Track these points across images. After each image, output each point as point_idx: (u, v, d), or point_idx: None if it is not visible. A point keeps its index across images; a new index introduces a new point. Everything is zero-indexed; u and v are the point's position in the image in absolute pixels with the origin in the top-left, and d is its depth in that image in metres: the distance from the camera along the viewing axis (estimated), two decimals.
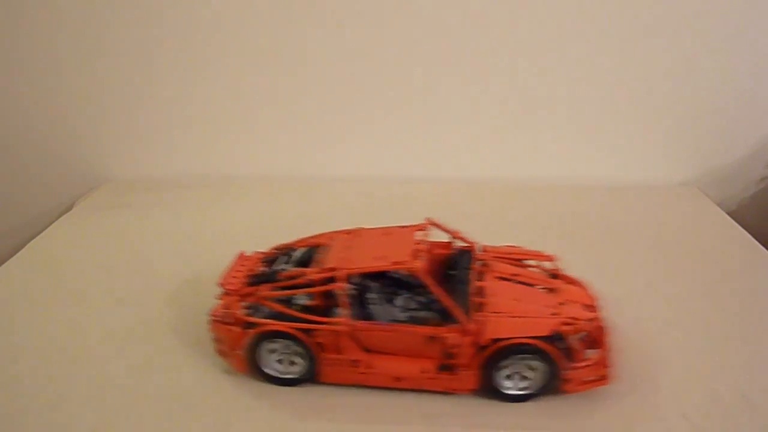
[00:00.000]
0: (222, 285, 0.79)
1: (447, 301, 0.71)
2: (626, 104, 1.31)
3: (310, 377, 0.75)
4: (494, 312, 0.72)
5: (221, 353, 0.78)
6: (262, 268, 0.83)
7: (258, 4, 1.24)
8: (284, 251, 0.87)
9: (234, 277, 0.81)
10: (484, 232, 1.16)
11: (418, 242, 0.77)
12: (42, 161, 1.41)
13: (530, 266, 0.85)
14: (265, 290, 0.77)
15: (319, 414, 0.72)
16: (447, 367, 0.72)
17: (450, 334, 0.70)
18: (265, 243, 1.12)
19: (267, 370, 0.76)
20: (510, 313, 0.72)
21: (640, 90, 1.30)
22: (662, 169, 1.38)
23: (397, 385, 0.73)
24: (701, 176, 1.38)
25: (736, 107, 1.30)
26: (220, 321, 0.76)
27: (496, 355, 0.70)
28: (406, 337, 0.72)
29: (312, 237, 0.90)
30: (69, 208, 1.35)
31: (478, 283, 0.76)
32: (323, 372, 0.74)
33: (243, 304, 0.77)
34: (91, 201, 1.35)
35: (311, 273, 0.75)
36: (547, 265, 0.84)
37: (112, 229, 1.20)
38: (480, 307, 0.72)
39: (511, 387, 0.72)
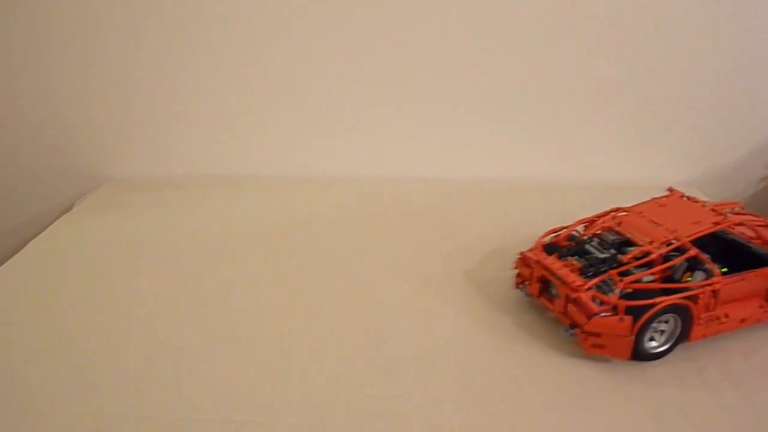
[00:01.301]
0: (574, 287, 0.79)
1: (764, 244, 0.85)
2: (626, 104, 1.31)
3: (677, 343, 0.79)
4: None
5: (597, 348, 0.77)
6: (586, 261, 0.83)
7: (258, 4, 1.24)
8: (576, 242, 0.89)
9: (570, 277, 0.80)
10: (484, 232, 1.16)
11: (699, 205, 0.90)
12: (42, 161, 1.41)
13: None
14: (614, 275, 0.78)
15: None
16: None
17: None
18: (265, 243, 1.13)
19: (651, 350, 0.78)
20: None
21: (640, 90, 1.30)
22: (662, 169, 1.38)
23: (741, 326, 0.82)
24: (701, 176, 1.38)
25: (736, 107, 1.30)
26: (600, 315, 0.75)
27: None
28: (754, 281, 0.83)
29: (585, 223, 0.95)
30: (69, 208, 1.35)
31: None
32: (693, 333, 0.79)
33: (615, 292, 0.77)
34: (91, 201, 1.34)
35: (655, 249, 0.80)
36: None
37: (112, 229, 1.20)
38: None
39: None
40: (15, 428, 0.71)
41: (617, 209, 0.95)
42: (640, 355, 0.77)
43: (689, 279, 0.79)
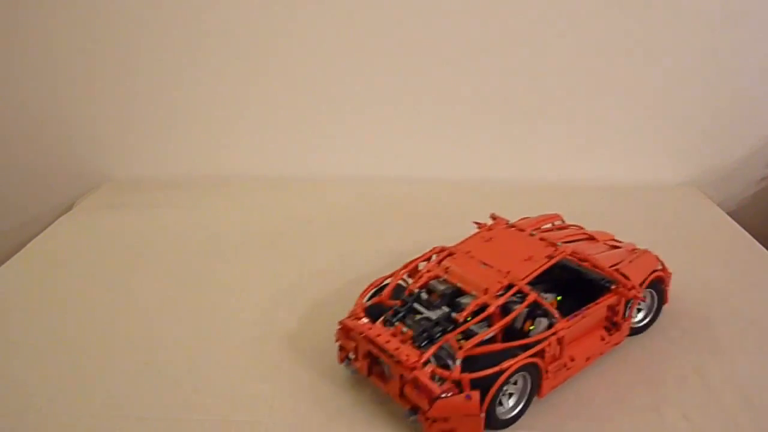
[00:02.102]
0: (408, 365, 0.65)
1: (605, 269, 0.78)
2: (626, 104, 1.31)
3: (528, 402, 0.70)
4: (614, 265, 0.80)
5: (437, 429, 0.65)
6: (417, 326, 0.71)
7: (258, 4, 1.24)
8: (403, 300, 0.76)
9: (403, 352, 0.67)
10: None
11: (526, 235, 0.83)
12: (42, 161, 1.41)
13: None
14: (451, 340, 0.67)
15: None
16: (613, 324, 0.78)
17: (623, 294, 0.77)
18: (265, 243, 1.13)
19: (504, 416, 0.68)
20: (622, 263, 0.82)
21: (641, 90, 1.30)
22: (662, 169, 1.38)
23: (587, 365, 0.76)
24: (701, 176, 1.38)
25: (736, 107, 1.30)
26: (443, 397, 0.63)
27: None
28: (594, 314, 0.76)
29: (409, 271, 0.82)
30: (69, 208, 1.35)
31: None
32: (543, 388, 0.70)
33: (456, 363, 0.65)
34: (91, 201, 1.34)
35: (491, 300, 0.70)
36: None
37: (112, 229, 1.20)
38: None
39: (638, 320, 0.84)
40: (15, 428, 0.71)
41: (441, 249, 0.82)
42: (494, 426, 0.67)
43: (532, 328, 0.71)
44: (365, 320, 0.74)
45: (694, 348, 0.82)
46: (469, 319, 0.70)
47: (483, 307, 0.70)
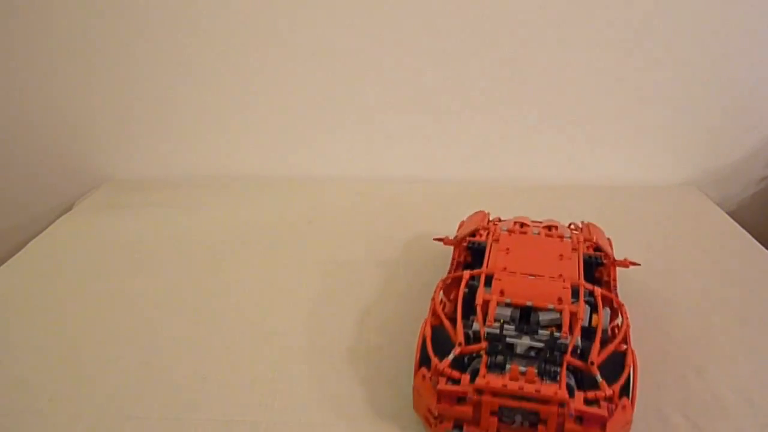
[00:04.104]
0: (561, 401, 0.60)
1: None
2: (626, 104, 1.31)
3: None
4: None
5: None
6: (539, 358, 0.65)
7: (259, 4, 1.24)
8: (490, 337, 0.67)
9: (548, 391, 0.60)
10: None
11: (530, 237, 0.83)
12: (42, 161, 1.41)
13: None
14: (587, 365, 0.64)
15: None
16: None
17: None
18: (265, 243, 1.13)
19: None
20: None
21: (640, 90, 1.30)
22: (662, 169, 1.38)
23: None
24: (701, 176, 1.38)
25: (736, 107, 1.30)
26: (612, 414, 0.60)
27: None
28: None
29: (452, 308, 0.76)
30: (69, 208, 1.35)
31: None
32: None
33: (598, 379, 0.63)
34: (91, 201, 1.34)
35: (575, 308, 0.68)
36: None
37: (112, 229, 1.20)
38: None
39: None
40: (15, 428, 0.71)
41: (471, 275, 0.76)
42: None
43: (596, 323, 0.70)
44: (460, 375, 0.64)
45: (694, 348, 0.82)
46: (556, 333, 0.66)
47: (572, 318, 0.68)
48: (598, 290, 0.72)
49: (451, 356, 0.65)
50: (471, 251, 0.88)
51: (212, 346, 0.84)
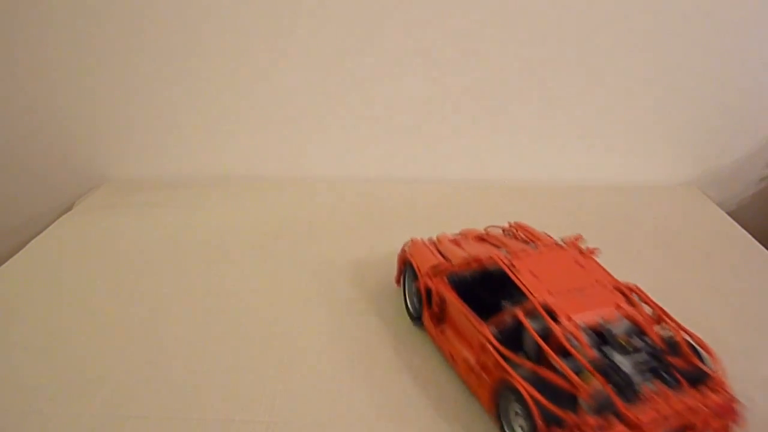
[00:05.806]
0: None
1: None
2: (626, 104, 1.31)
3: None
4: None
5: None
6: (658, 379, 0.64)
7: (259, 4, 1.24)
8: (598, 366, 0.63)
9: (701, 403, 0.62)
10: None
11: (550, 253, 0.78)
12: (42, 161, 1.41)
13: None
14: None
15: None
16: None
17: None
18: (265, 243, 1.13)
19: None
20: None
21: (640, 90, 1.30)
22: (662, 169, 1.38)
23: None
24: (701, 176, 1.38)
25: (735, 107, 1.30)
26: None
27: None
28: None
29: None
30: (69, 208, 1.35)
31: None
32: None
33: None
34: (91, 201, 1.34)
35: (643, 313, 0.69)
36: None
37: (112, 229, 1.20)
38: None
39: None
40: (15, 428, 0.71)
41: (525, 309, 0.68)
42: None
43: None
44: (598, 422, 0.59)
45: None
46: (625, 343, 0.65)
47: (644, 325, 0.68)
48: (632, 285, 0.73)
49: (585, 406, 0.59)
50: (454, 284, 0.79)
51: (212, 346, 0.84)
